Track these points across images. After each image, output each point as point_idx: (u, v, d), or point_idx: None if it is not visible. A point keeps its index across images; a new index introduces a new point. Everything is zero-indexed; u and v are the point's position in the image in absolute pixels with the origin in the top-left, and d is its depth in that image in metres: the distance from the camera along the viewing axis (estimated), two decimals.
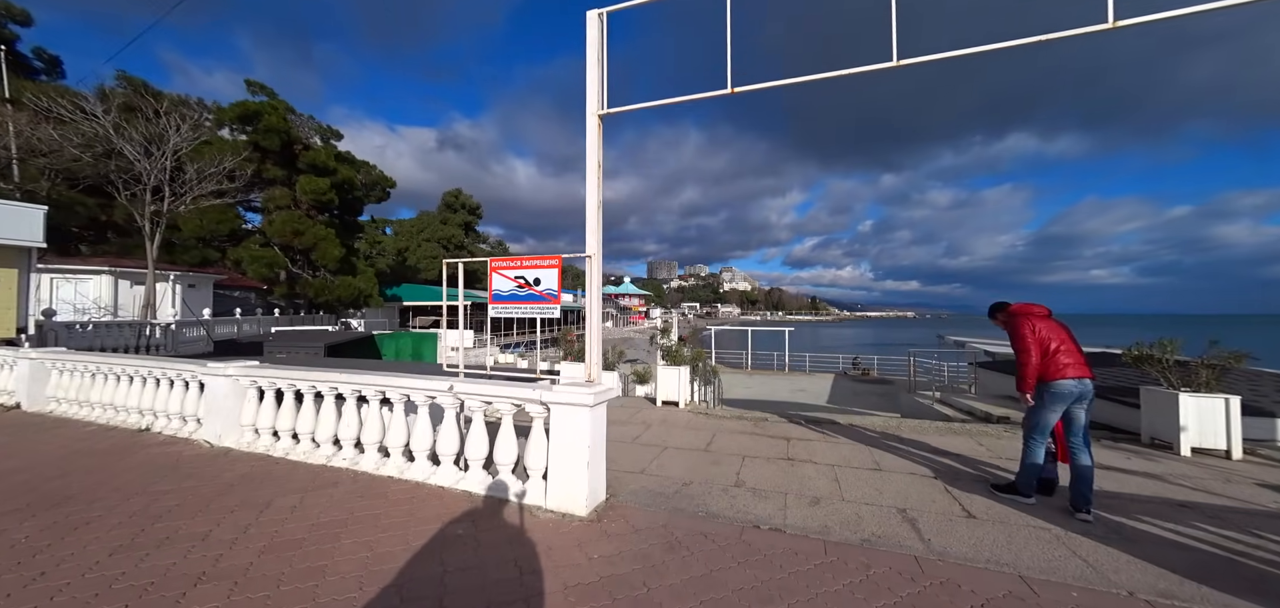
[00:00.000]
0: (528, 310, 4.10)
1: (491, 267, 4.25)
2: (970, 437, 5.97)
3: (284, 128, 23.68)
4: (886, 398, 18.13)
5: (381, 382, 4.26)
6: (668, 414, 7.32)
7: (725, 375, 25.34)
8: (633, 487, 4.17)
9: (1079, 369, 3.60)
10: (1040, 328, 3.72)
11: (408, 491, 3.82)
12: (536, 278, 4.07)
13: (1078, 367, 3.60)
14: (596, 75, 3.94)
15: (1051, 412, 3.64)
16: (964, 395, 10.10)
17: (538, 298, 4.06)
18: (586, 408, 3.42)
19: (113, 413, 5.89)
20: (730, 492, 4.04)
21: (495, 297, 4.22)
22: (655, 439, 5.81)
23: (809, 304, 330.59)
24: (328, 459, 4.41)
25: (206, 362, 5.17)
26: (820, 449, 5.34)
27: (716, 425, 6.54)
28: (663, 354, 8.65)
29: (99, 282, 14.79)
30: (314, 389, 4.63)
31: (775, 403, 17.07)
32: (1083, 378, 3.59)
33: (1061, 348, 3.63)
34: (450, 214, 52.54)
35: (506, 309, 4.19)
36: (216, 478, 4.04)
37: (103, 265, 15.07)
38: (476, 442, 3.87)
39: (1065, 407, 3.61)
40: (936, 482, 4.30)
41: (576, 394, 3.43)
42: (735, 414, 7.31)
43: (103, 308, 14.69)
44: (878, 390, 20.52)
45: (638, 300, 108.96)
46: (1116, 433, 5.99)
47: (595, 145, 3.94)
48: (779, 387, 21.37)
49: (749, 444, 5.58)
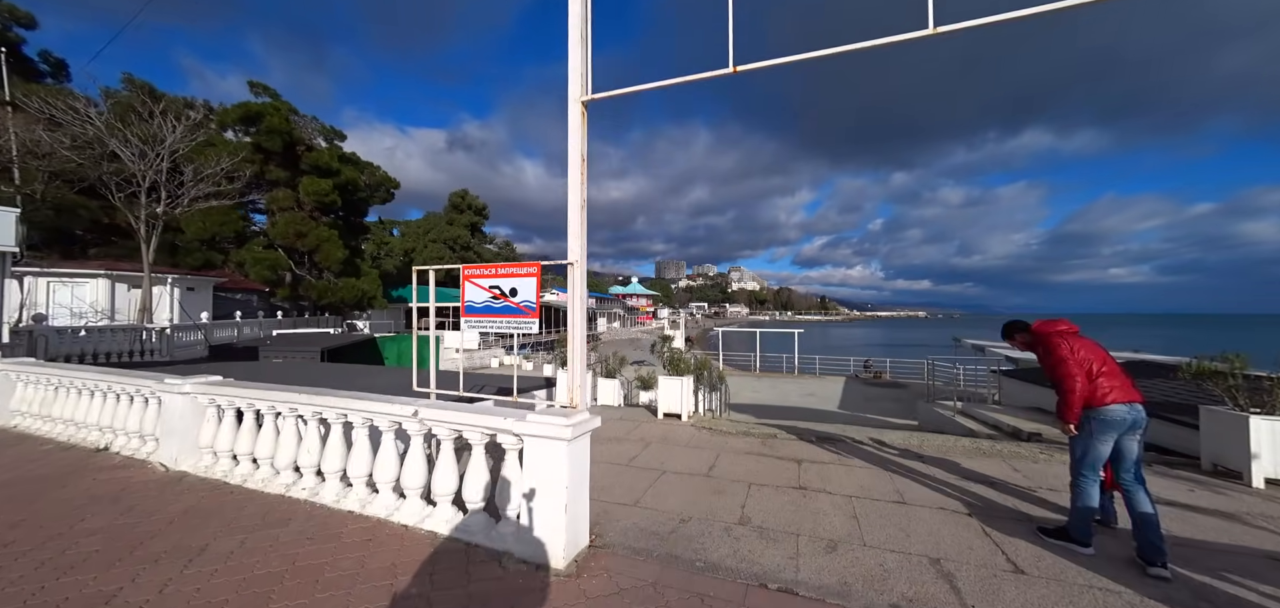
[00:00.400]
0: (503, 324, 3.62)
1: (464, 275, 3.78)
2: (1002, 458, 5.40)
3: (286, 129, 23.52)
4: (901, 404, 17.46)
5: (343, 405, 3.80)
6: (669, 430, 6.82)
7: (733, 379, 24.76)
8: (622, 524, 3.68)
9: (1126, 392, 3.14)
10: (1079, 348, 3.25)
11: (365, 531, 3.36)
12: (513, 288, 3.59)
13: (1124, 389, 3.14)
14: (579, 56, 3.45)
15: (1102, 443, 3.16)
16: (987, 406, 9.47)
17: (514, 310, 3.58)
18: (563, 443, 2.94)
19: (74, 429, 5.52)
20: (733, 533, 3.53)
21: (468, 308, 3.75)
22: (653, 461, 5.31)
23: (818, 304, 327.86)
24: (286, 488, 3.97)
25: (165, 376, 4.76)
26: (835, 475, 4.81)
27: (721, 444, 6.02)
28: (665, 363, 8.14)
29: (96, 285, 14.62)
30: (274, 410, 4.19)
31: (785, 409, 16.48)
32: (1133, 402, 3.12)
33: (1105, 369, 3.18)
34: (457, 215, 52.40)
35: (480, 322, 3.72)
36: (157, 512, 3.61)
37: (99, 269, 14.91)
38: (447, 473, 3.41)
39: (1117, 436, 3.14)
40: (971, 520, 3.75)
41: (552, 425, 2.95)
42: (741, 430, 6.79)
43: (99, 312, 14.52)
44: (891, 395, 19.83)
45: (645, 301, 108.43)
46: (1168, 456, 5.39)
47: (579, 136, 3.45)
48: (789, 391, 20.76)
49: (756, 468, 5.06)
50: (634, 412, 8.35)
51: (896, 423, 13.04)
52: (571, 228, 3.48)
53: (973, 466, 5.15)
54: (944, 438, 6.70)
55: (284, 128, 23.32)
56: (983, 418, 8.17)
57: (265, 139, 23.02)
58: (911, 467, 5.11)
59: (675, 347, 30.61)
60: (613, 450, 5.70)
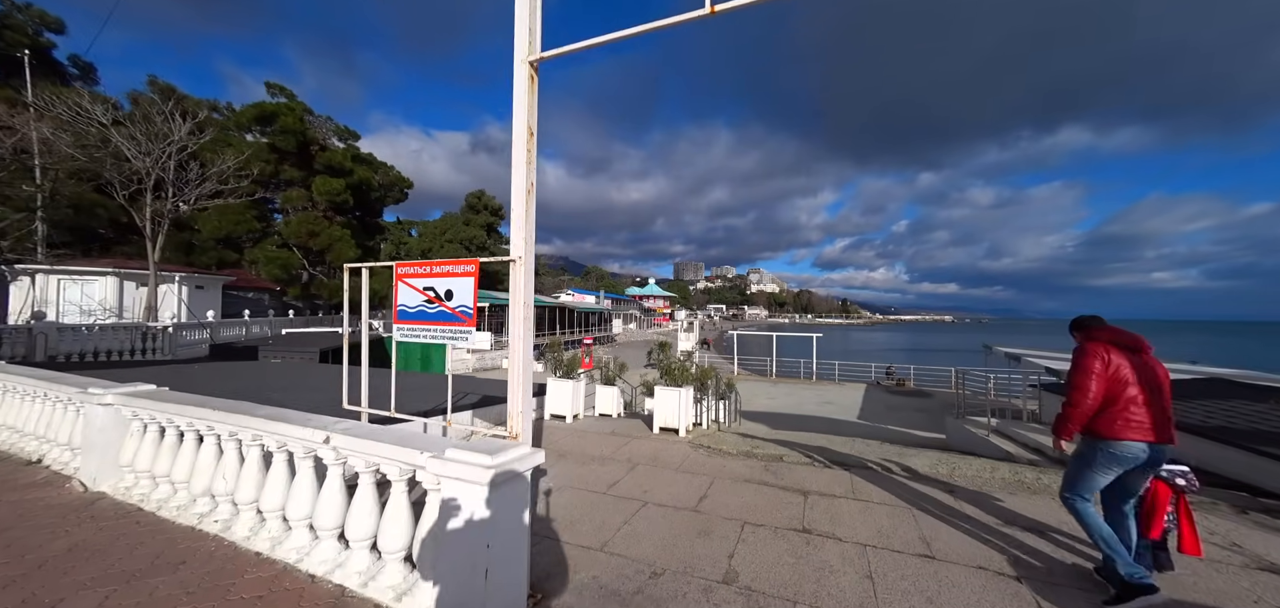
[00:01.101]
0: (437, 333, 3.01)
1: (397, 274, 3.19)
2: (1051, 496, 4.55)
3: (300, 129, 23.61)
4: (927, 415, 16.37)
5: (258, 426, 3.24)
6: (661, 448, 6.13)
7: (748, 384, 23.88)
8: (580, 577, 3.02)
9: (1157, 432, 2.71)
10: (1118, 363, 2.79)
11: (265, 581, 2.78)
12: (448, 290, 2.98)
13: (1155, 427, 2.71)
14: (526, 7, 2.81)
15: (1101, 474, 2.84)
16: (1026, 425, 8.48)
17: (449, 316, 2.97)
18: (481, 488, 2.29)
19: (16, 437, 5.14)
20: (714, 596, 2.83)
21: (401, 313, 3.15)
22: (636, 489, 4.63)
23: (839, 307, 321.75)
24: (199, 519, 3.43)
25: (89, 384, 4.31)
26: (847, 514, 4.06)
27: (717, 468, 5.31)
28: (661, 372, 7.46)
29: (105, 283, 14.68)
30: (194, 429, 3.67)
31: (800, 418, 15.58)
32: (1162, 443, 2.71)
33: (1141, 397, 2.72)
34: (473, 215, 52.59)
35: (413, 331, 3.12)
36: (41, 548, 3.11)
37: (108, 267, 14.98)
38: (363, 514, 2.81)
39: (1121, 473, 2.81)
40: (1021, 586, 2.97)
41: (468, 465, 2.30)
42: (744, 450, 6.06)
43: (108, 310, 14.57)
44: (915, 404, 18.70)
45: (662, 302, 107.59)
46: (1263, 497, 4.46)
47: (525, 103, 2.81)
48: (805, 398, 19.80)
49: (754, 501, 4.34)
50: (629, 425, 7.68)
51: (921, 437, 12.07)
52: (515, 216, 2.85)
53: (1016, 504, 4.33)
54: (977, 464, 5.85)
55: (298, 128, 23.41)
56: (1022, 439, 7.25)
57: (279, 139, 23.14)
58: (940, 503, 4.32)
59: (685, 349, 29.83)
60: (592, 475, 5.04)
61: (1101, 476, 2.83)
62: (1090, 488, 2.88)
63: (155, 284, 14.36)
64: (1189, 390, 7.89)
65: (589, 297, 72.93)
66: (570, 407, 7.84)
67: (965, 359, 31.79)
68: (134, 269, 14.85)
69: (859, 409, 17.68)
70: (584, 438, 6.55)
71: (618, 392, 9.90)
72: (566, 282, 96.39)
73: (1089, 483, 2.87)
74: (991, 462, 6.30)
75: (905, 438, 11.75)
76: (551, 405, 7.96)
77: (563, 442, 6.35)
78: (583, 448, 6.05)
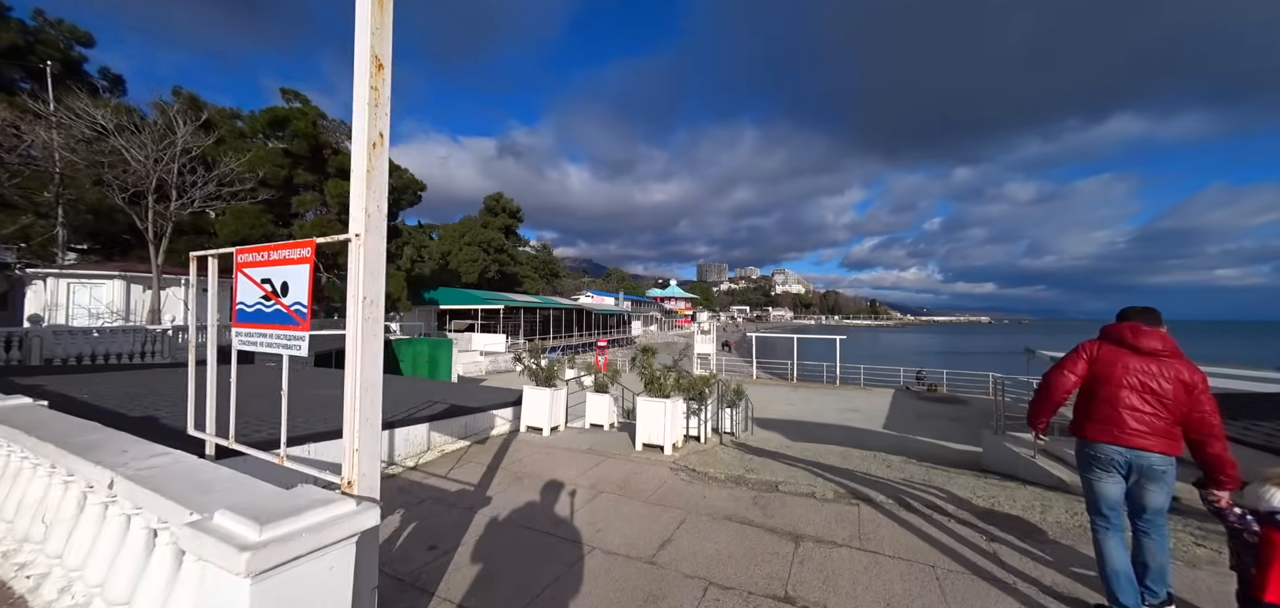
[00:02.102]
0: (272, 339, 2.25)
1: (237, 263, 2.44)
2: None
3: (312, 133, 23.73)
4: (961, 425, 14.95)
5: (52, 455, 2.55)
6: (637, 470, 5.26)
7: (766, 389, 22.71)
8: None
9: (1131, 435, 2.59)
10: (1107, 359, 2.70)
11: None
12: (283, 282, 2.22)
13: (1128, 431, 2.59)
14: None
15: (1091, 477, 2.76)
16: None
17: (283, 318, 2.20)
18: (243, 581, 1.48)
19: None
20: None
21: (239, 314, 2.41)
22: (587, 527, 3.78)
23: (868, 308, 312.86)
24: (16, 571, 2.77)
25: None
26: (848, 572, 3.11)
27: (696, 499, 4.41)
28: (644, 382, 6.58)
29: (112, 287, 14.79)
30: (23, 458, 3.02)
31: (819, 427, 14.43)
32: (1128, 445, 2.60)
33: (1119, 396, 2.62)
34: (491, 217, 52.79)
35: (250, 337, 2.36)
36: None
37: (115, 270, 15.10)
38: (123, 576, 2.06)
39: (1111, 478, 2.68)
40: None
41: (220, 542, 1.50)
42: (732, 475, 5.13)
43: (115, 313, 14.67)
44: (949, 413, 17.22)
45: (684, 304, 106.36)
46: None
47: (369, 21, 2.01)
48: (826, 405, 18.54)
49: (730, 547, 3.43)
50: (614, 440, 6.84)
51: (953, 450, 10.81)
52: (356, 176, 2.05)
53: (1076, 558, 3.29)
54: (1022, 496, 4.77)
55: (310, 132, 23.53)
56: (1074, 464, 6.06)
57: (292, 143, 23.30)
58: (974, 552, 3.32)
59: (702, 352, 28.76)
60: (543, 505, 4.22)
61: (1091, 478, 2.75)
62: (1095, 500, 2.72)
63: (158, 287, 14.36)
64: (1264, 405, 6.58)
65: (608, 298, 72.48)
66: (548, 418, 7.04)
67: (1005, 363, 29.70)
68: (142, 273, 14.93)
69: (885, 418, 16.36)
70: (552, 456, 5.75)
71: (611, 400, 9.06)
72: (587, 284, 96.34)
73: (1090, 493, 2.76)
74: (1039, 491, 5.19)
75: (935, 453, 10.52)
76: (527, 416, 7.18)
77: (525, 461, 5.56)
78: (546, 469, 5.24)
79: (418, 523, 3.84)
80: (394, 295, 26.75)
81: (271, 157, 23.13)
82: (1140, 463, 2.58)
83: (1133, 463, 2.60)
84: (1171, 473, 2.59)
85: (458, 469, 5.23)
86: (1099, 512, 2.72)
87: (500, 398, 7.80)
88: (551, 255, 79.22)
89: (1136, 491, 2.64)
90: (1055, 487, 5.54)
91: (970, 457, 9.63)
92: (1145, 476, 2.59)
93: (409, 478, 4.91)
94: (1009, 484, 5.67)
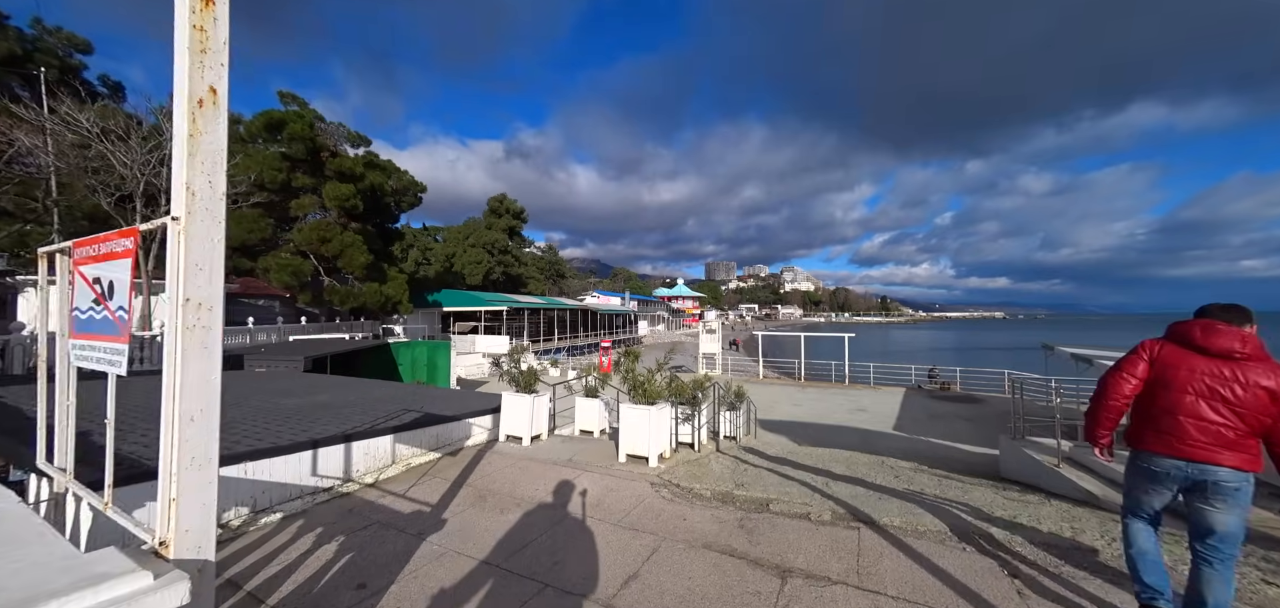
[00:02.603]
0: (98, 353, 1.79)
1: (73, 261, 1.98)
2: (1177, 581, 2.92)
3: (309, 135, 23.55)
4: (976, 426, 14.26)
5: None
6: (615, 486, 4.77)
7: (773, 389, 22.11)
8: None
9: (1193, 446, 2.25)
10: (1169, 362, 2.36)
11: None
12: (110, 282, 1.76)
13: (1191, 442, 2.25)
14: None
15: (1143, 492, 2.47)
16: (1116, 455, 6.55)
17: (109, 328, 1.74)
18: None
19: None
20: None
21: (75, 323, 1.95)
22: (543, 559, 3.30)
23: (879, 304, 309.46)
24: None
25: None
26: None
27: (675, 521, 3.91)
28: (628, 387, 6.08)
29: None
30: None
31: (826, 428, 13.82)
32: (1201, 460, 2.24)
33: (1183, 404, 2.28)
34: (495, 219, 52.63)
35: (83, 350, 1.90)
36: None
37: None
38: None
39: (1161, 492, 2.40)
40: None
41: None
42: (720, 493, 4.62)
43: None
44: (963, 412, 16.49)
45: (691, 303, 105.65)
46: None
47: None
48: (834, 405, 17.89)
49: (703, 585, 2.93)
50: (597, 450, 6.36)
51: (967, 453, 10.19)
52: (176, 142, 1.58)
53: (1114, 593, 2.74)
54: (1047, 513, 4.20)
55: (306, 134, 23.35)
56: (1110, 474, 5.44)
57: (289, 146, 23.14)
58: (993, 592, 2.79)
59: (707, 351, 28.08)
60: (499, 531, 3.74)
61: (1142, 492, 2.50)
62: (1136, 506, 2.54)
63: (148, 293, 14.15)
64: None
65: (614, 298, 72.04)
66: (528, 427, 6.58)
67: (1021, 360, 28.75)
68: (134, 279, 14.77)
69: (895, 418, 15.70)
70: (526, 471, 5.28)
71: (602, 405, 8.57)
72: (593, 284, 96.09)
73: (1134, 500, 2.56)
74: (1067, 507, 4.62)
75: (948, 456, 9.90)
76: (506, 425, 6.73)
77: (495, 477, 5.09)
78: (515, 486, 4.77)
79: (354, 554, 3.39)
80: (396, 298, 26.54)
81: (269, 160, 22.99)
82: (1206, 478, 2.26)
83: (1196, 479, 2.29)
84: (1245, 492, 2.24)
85: (419, 486, 4.78)
86: (1134, 513, 2.54)
87: (480, 405, 7.35)
88: (557, 256, 79.00)
89: (1199, 510, 2.31)
90: (1085, 502, 4.95)
91: (986, 461, 9.01)
92: (1211, 493, 2.26)
93: (363, 497, 4.47)
94: (1030, 498, 5.10)
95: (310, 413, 6.25)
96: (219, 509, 3.63)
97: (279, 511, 4.01)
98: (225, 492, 3.75)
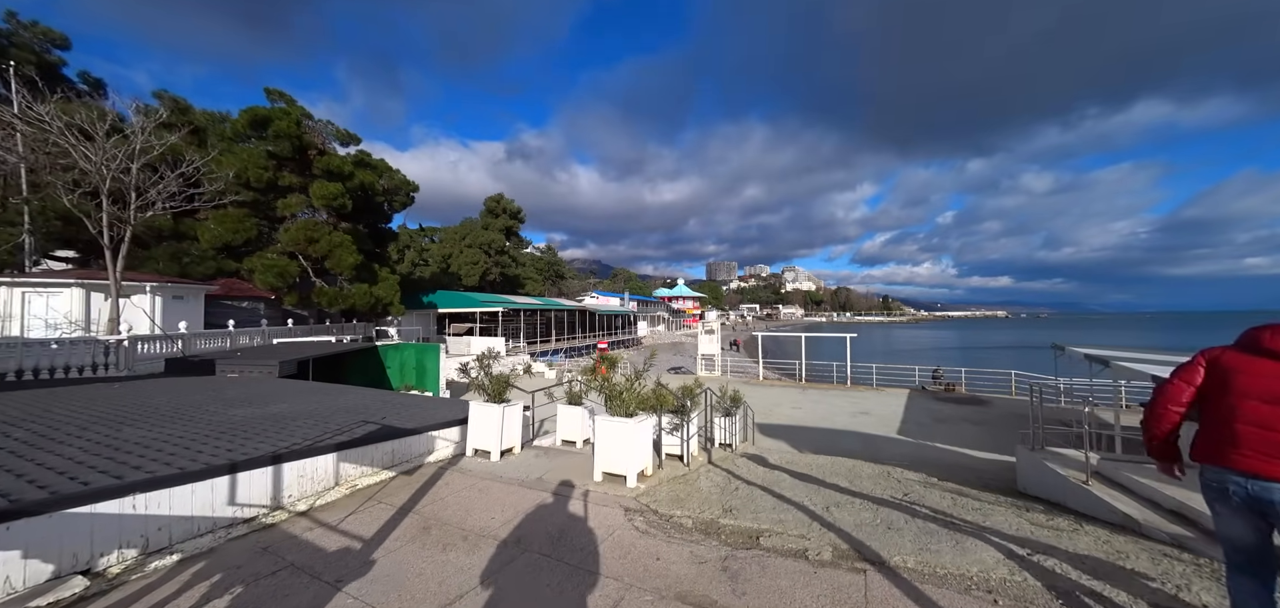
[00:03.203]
0: None
1: None
2: None
3: (296, 133, 22.94)
4: (983, 429, 13.61)
5: None
6: (580, 516, 4.13)
7: (774, 391, 21.48)
8: None
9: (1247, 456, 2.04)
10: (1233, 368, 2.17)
11: None
12: None
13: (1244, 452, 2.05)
14: None
15: (1219, 524, 2.23)
16: (1153, 470, 5.86)
17: None
18: None
19: None
20: None
21: None
22: None
23: (880, 304, 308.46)
24: None
25: None
26: None
27: (645, 562, 3.27)
28: (605, 398, 5.44)
29: (70, 295, 14.02)
30: None
31: (828, 433, 13.17)
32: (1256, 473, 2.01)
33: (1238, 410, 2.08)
34: (492, 219, 52.04)
35: None
36: None
37: (72, 278, 14.34)
38: None
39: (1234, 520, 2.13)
40: None
41: None
42: (703, 522, 3.98)
43: (74, 323, 13.90)
44: (969, 415, 15.83)
45: (692, 303, 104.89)
46: None
47: None
48: (837, 408, 17.24)
49: None
50: (572, 465, 5.73)
51: (979, 460, 9.54)
52: None
53: None
54: (1083, 542, 3.56)
55: (293, 132, 22.74)
56: (1152, 495, 4.78)
57: (274, 144, 22.54)
58: None
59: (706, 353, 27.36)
60: (436, 575, 3.12)
61: (1218, 521, 2.23)
62: (1228, 546, 2.21)
63: (117, 295, 13.54)
64: None
65: (613, 299, 71.30)
66: (498, 440, 5.95)
67: (1027, 359, 28.08)
68: (103, 280, 14.15)
69: (899, 422, 15.05)
70: (485, 493, 4.65)
71: (584, 414, 7.93)
72: (594, 285, 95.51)
73: (1220, 536, 2.25)
74: (1105, 534, 3.98)
75: (959, 464, 9.25)
76: (474, 438, 6.10)
77: (449, 501, 4.46)
78: (469, 513, 4.15)
79: None
80: (386, 299, 25.92)
81: (254, 158, 22.39)
82: (1267, 497, 2.00)
83: (1257, 497, 2.03)
84: None
85: (358, 515, 4.15)
86: (1230, 562, 2.25)
87: (448, 415, 6.73)
88: (556, 256, 78.41)
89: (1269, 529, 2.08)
90: (1122, 526, 4.31)
91: (1001, 470, 8.37)
92: (1274, 515, 2.02)
93: (287, 531, 3.84)
94: (1060, 523, 4.45)
95: (256, 427, 5.62)
96: (93, 552, 2.99)
97: (177, 551, 3.38)
98: (105, 532, 3.13)
